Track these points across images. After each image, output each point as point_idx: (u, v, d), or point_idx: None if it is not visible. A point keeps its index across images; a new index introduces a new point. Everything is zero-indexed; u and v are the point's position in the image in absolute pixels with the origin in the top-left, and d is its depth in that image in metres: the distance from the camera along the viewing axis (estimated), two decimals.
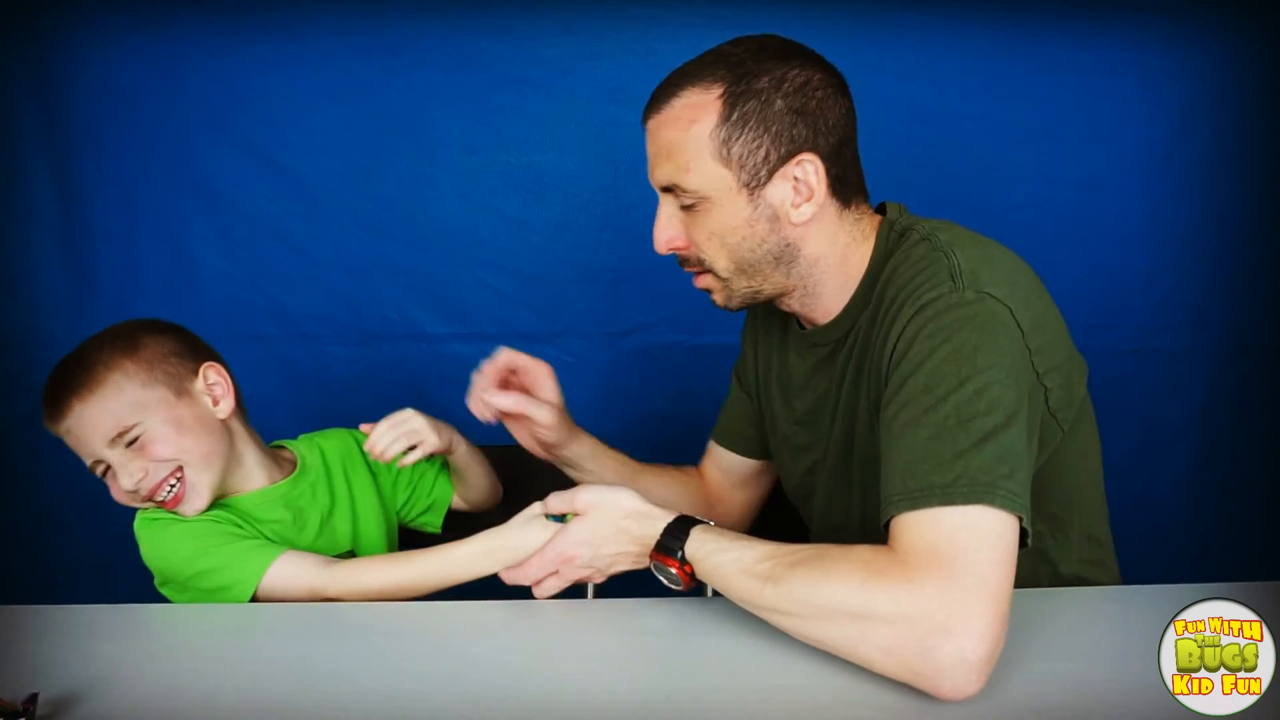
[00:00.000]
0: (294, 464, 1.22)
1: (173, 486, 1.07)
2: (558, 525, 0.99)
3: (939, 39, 1.84)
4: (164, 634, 0.94)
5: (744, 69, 0.95)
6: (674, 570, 0.91)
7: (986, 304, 0.88)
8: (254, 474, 1.16)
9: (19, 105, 1.82)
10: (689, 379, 1.95)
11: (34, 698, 0.76)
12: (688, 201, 0.98)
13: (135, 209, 1.86)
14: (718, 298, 1.05)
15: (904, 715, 0.77)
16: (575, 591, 1.03)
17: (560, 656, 0.90)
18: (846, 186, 1.00)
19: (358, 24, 1.83)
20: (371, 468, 1.29)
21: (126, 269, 1.88)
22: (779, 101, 0.95)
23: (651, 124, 1.01)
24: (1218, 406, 1.98)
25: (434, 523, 1.34)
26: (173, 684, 0.84)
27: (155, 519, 1.09)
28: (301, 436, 1.29)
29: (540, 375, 1.20)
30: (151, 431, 1.06)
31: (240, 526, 1.09)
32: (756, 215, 0.97)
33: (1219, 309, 1.95)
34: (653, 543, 0.94)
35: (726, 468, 1.31)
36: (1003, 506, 0.78)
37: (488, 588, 1.29)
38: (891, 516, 0.81)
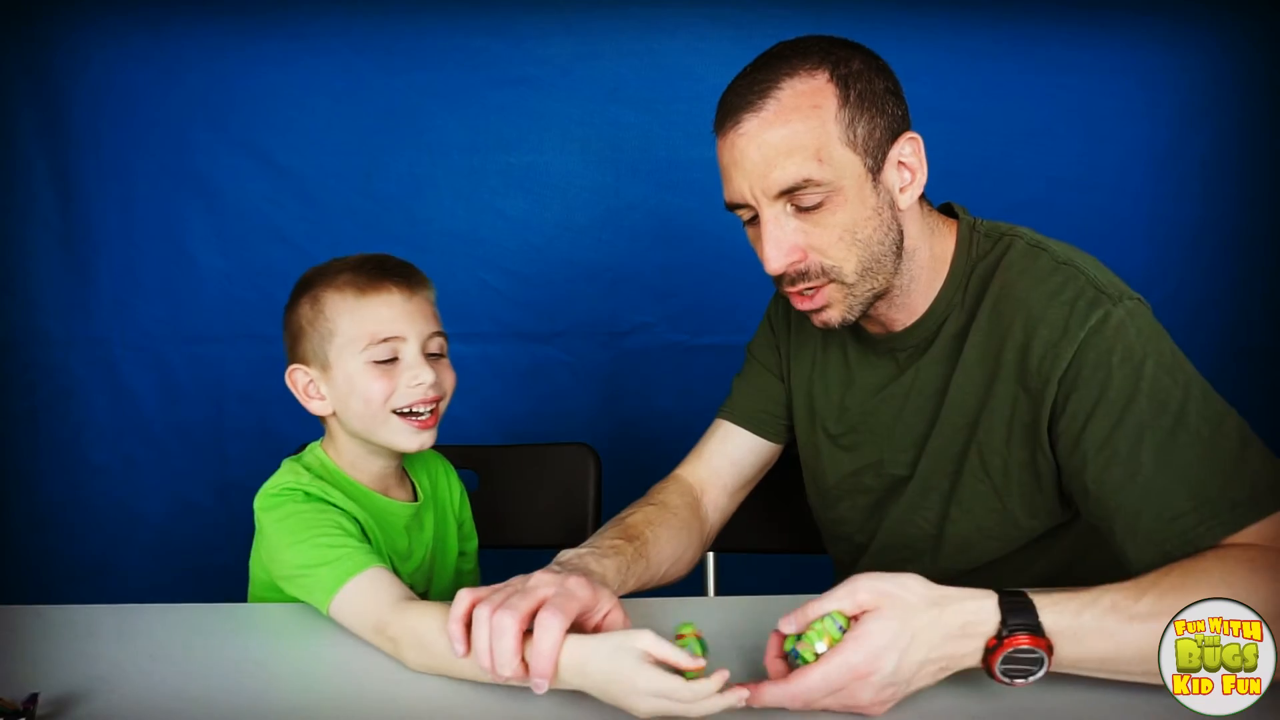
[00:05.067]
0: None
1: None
2: (699, 660, 0.72)
3: (939, 39, 1.84)
4: (164, 634, 0.94)
5: (834, 54, 0.90)
6: (1040, 650, 0.72)
7: (1142, 308, 0.89)
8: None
9: (18, 105, 1.82)
10: (689, 379, 1.95)
11: (34, 698, 0.76)
12: (814, 200, 0.89)
13: (135, 209, 1.87)
14: (835, 312, 0.96)
15: (903, 714, 0.78)
16: None
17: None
18: None
19: (358, 23, 1.83)
20: (452, 507, 1.25)
21: (126, 269, 1.88)
22: (877, 80, 0.91)
23: (752, 124, 0.89)
24: None
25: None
26: (173, 684, 0.84)
27: (281, 496, 1.02)
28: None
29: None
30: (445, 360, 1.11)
31: (354, 534, 1.00)
32: (881, 203, 0.92)
33: (1218, 309, 1.95)
34: (979, 630, 0.74)
35: (738, 458, 1.17)
36: None
37: None
38: (1208, 544, 0.79)
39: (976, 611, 0.74)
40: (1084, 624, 0.74)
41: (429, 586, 1.18)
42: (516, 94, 1.86)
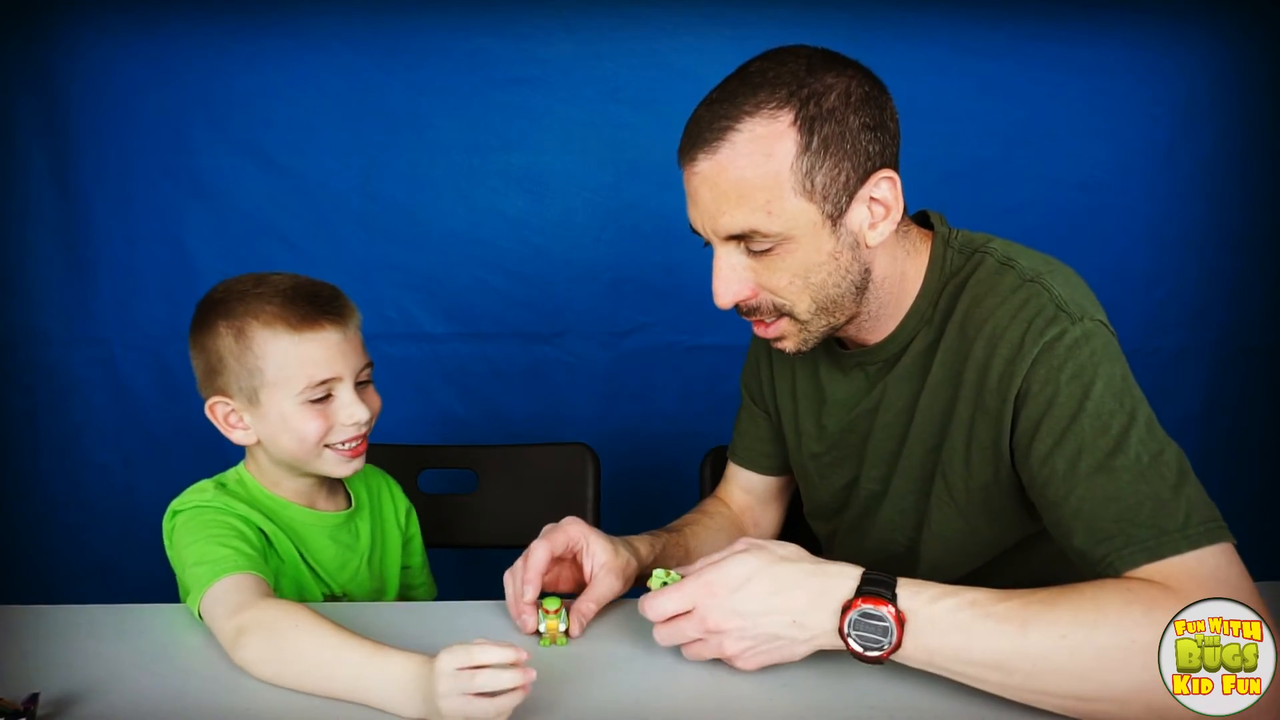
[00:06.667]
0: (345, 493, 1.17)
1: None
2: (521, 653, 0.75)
3: (939, 39, 1.84)
4: (164, 634, 0.94)
5: (807, 87, 0.85)
6: (888, 614, 0.76)
7: (1102, 331, 0.87)
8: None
9: (18, 104, 1.82)
10: (689, 379, 1.95)
11: (34, 698, 0.76)
12: (764, 246, 0.89)
13: (134, 208, 1.86)
14: (789, 344, 0.96)
15: (900, 715, 0.78)
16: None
17: (558, 655, 0.90)
18: None
19: (357, 23, 1.83)
20: (396, 516, 1.23)
21: (125, 268, 1.88)
22: (852, 118, 0.86)
23: (706, 166, 0.87)
24: (1218, 406, 1.98)
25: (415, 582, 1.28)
26: (173, 684, 0.84)
27: (179, 510, 1.03)
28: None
29: (584, 544, 1.00)
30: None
31: (249, 540, 1.00)
32: (840, 246, 0.90)
33: (1219, 309, 1.95)
34: (837, 594, 0.79)
35: (751, 487, 1.24)
36: (1229, 539, 0.79)
37: (483, 589, 1.29)
38: (1129, 567, 0.79)
39: (838, 575, 0.80)
40: (940, 611, 0.76)
41: (380, 599, 1.16)
42: (516, 94, 1.86)
